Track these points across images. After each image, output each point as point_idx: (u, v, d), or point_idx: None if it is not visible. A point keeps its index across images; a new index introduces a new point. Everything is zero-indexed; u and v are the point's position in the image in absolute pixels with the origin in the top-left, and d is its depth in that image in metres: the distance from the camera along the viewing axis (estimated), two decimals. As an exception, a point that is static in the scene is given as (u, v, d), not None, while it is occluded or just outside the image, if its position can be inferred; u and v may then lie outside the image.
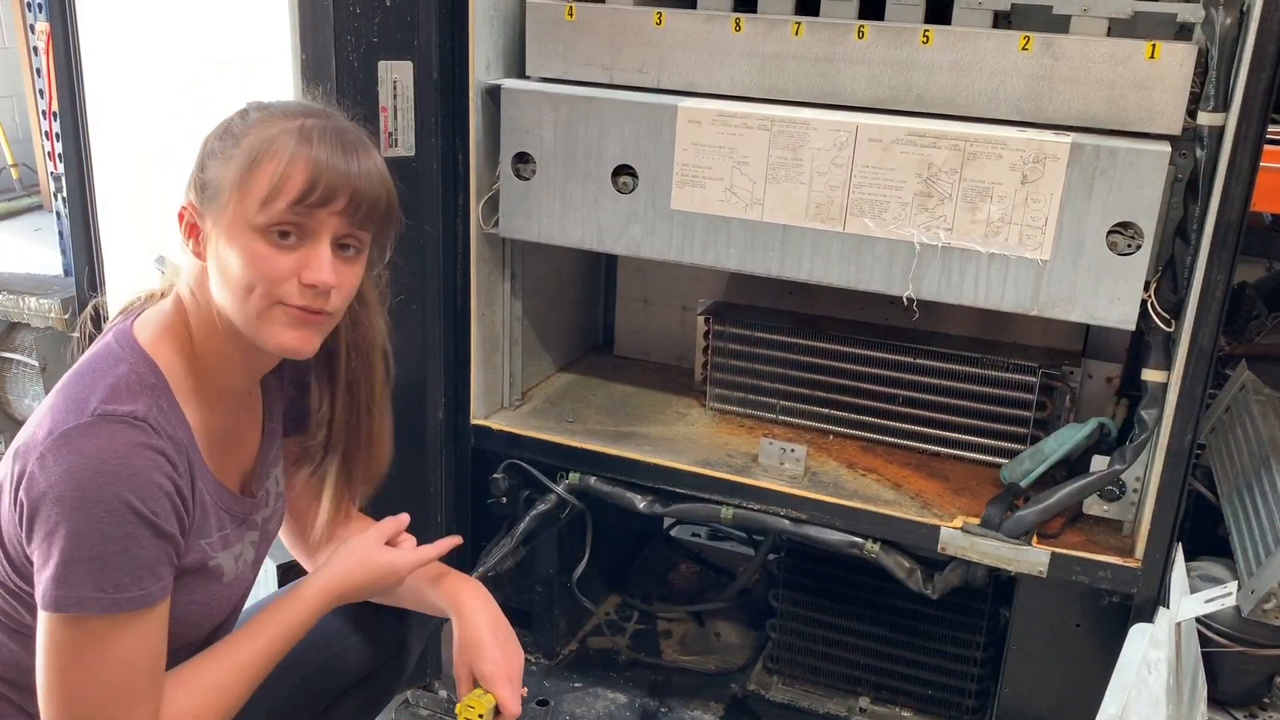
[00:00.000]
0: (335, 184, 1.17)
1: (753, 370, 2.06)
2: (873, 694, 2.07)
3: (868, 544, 1.77)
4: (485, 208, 1.88)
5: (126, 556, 1.09)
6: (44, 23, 3.28)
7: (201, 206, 1.18)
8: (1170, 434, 1.57)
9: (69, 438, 1.09)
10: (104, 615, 1.10)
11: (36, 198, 4.98)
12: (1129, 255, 1.53)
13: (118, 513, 1.08)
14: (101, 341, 1.21)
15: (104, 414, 1.10)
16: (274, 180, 1.14)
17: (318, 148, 1.17)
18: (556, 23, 1.81)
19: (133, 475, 1.09)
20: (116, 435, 1.10)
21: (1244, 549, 1.72)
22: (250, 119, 1.19)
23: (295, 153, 1.16)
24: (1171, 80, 1.50)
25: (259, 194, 1.14)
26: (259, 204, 1.14)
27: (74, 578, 1.08)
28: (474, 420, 2.00)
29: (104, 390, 1.12)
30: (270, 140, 1.16)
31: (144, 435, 1.11)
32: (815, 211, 1.68)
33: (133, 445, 1.10)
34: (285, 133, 1.17)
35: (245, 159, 1.15)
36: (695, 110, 1.71)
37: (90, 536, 1.07)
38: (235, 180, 1.15)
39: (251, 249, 1.15)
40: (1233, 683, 1.80)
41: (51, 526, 1.08)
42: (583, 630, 2.29)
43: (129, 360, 1.17)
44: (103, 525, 1.08)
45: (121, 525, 1.09)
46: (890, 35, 1.63)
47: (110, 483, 1.08)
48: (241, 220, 1.15)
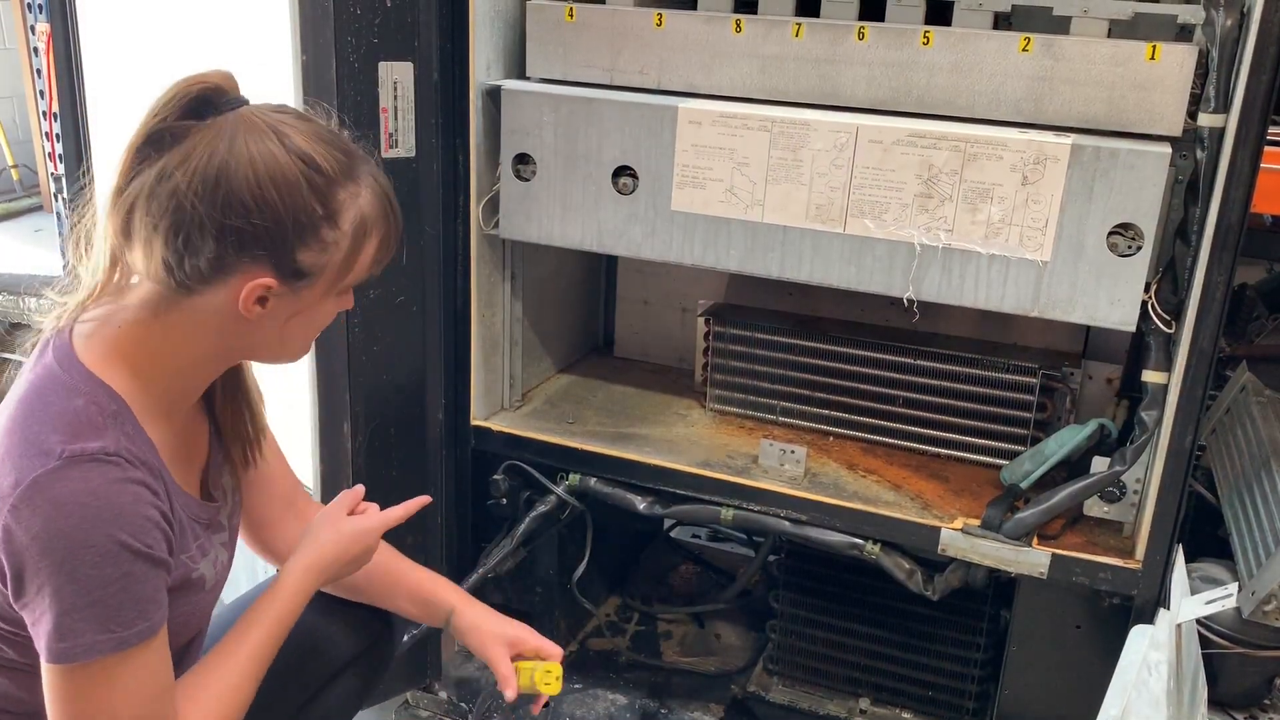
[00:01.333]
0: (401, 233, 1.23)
1: (753, 371, 2.05)
2: (873, 695, 2.07)
3: (868, 545, 1.77)
4: (485, 209, 1.88)
5: (128, 595, 1.07)
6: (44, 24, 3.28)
7: (285, 284, 1.11)
8: (1171, 435, 1.57)
9: (40, 486, 1.03)
10: (111, 654, 1.07)
11: (37, 198, 4.98)
12: (1129, 256, 1.53)
13: (111, 554, 1.05)
14: (41, 363, 1.12)
15: (72, 455, 1.05)
16: (375, 259, 1.18)
17: (394, 211, 1.19)
18: (557, 24, 1.81)
19: (119, 514, 1.06)
20: (92, 476, 1.05)
21: (1244, 550, 1.71)
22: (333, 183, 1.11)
23: (386, 224, 1.18)
24: (1172, 81, 1.50)
25: (361, 271, 1.17)
26: (356, 280, 1.17)
27: (79, 626, 1.05)
28: (474, 421, 2.00)
29: (64, 429, 1.06)
30: (369, 216, 1.15)
31: (119, 470, 1.07)
32: (815, 212, 1.68)
33: (110, 482, 1.06)
34: (373, 198, 1.16)
35: (351, 243, 1.14)
36: (696, 111, 1.71)
37: (87, 583, 1.04)
38: (340, 265, 1.14)
39: (329, 309, 1.19)
40: (1233, 684, 1.79)
41: (43, 581, 1.04)
42: (583, 631, 2.29)
43: (84, 391, 1.09)
44: (97, 570, 1.04)
45: (118, 565, 1.06)
46: (890, 36, 1.63)
47: (97, 525, 1.04)
48: (333, 289, 1.16)
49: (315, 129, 1.13)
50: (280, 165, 1.07)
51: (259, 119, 1.09)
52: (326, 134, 1.14)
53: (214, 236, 1.07)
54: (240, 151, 1.06)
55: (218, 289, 1.10)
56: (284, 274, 1.11)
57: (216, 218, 1.06)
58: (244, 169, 1.06)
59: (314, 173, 1.09)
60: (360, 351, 1.77)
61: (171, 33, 1.87)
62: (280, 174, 1.07)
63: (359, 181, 1.14)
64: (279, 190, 1.07)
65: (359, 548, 1.36)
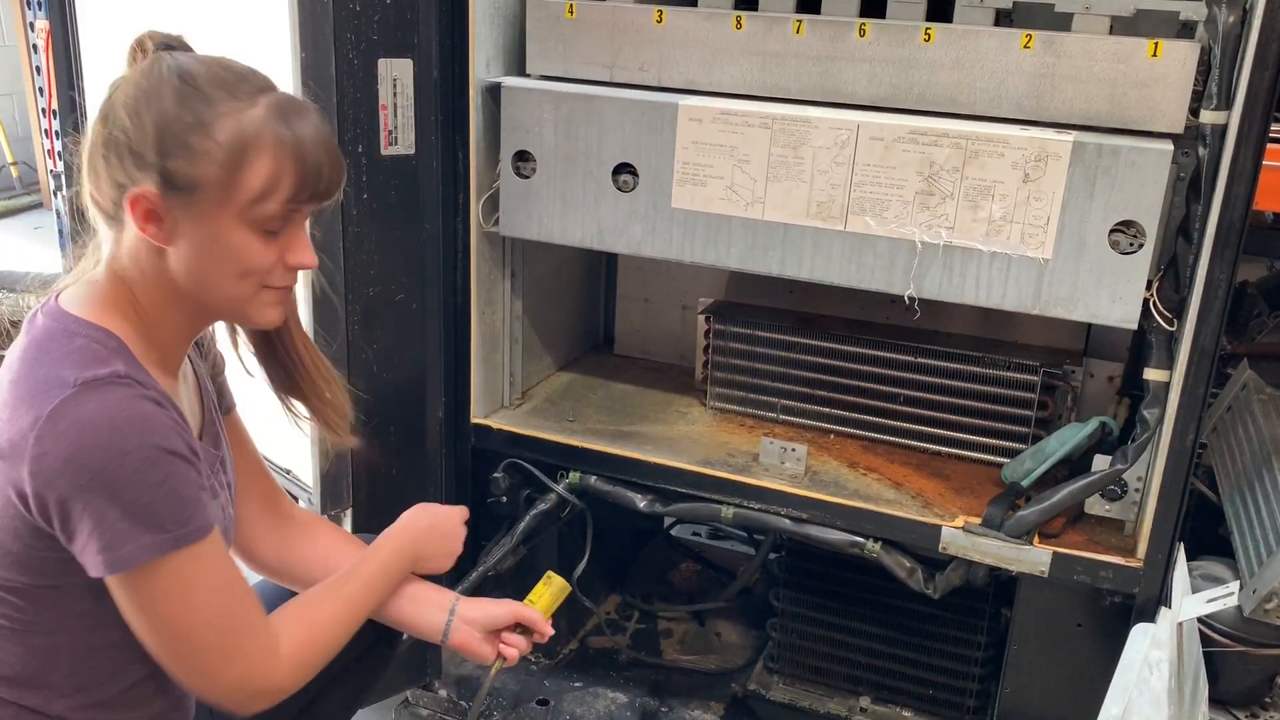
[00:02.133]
0: (327, 177, 1.17)
1: (753, 369, 2.05)
2: (873, 694, 2.07)
3: (869, 543, 1.77)
4: (485, 206, 1.88)
5: (173, 494, 1.10)
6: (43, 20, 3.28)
7: (167, 197, 1.11)
8: (1172, 433, 1.57)
9: (61, 413, 1.06)
10: (174, 553, 1.10)
11: (36, 196, 4.98)
12: (1131, 254, 1.53)
13: (149, 459, 1.07)
14: (33, 326, 1.16)
15: (86, 382, 1.07)
16: (267, 182, 1.12)
17: (303, 138, 1.14)
18: (557, 20, 1.80)
19: (145, 421, 1.08)
20: (109, 395, 1.08)
21: (1245, 548, 1.71)
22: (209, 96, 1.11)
23: (283, 148, 1.13)
24: (1174, 78, 1.49)
25: (249, 195, 1.12)
26: (249, 203, 1.12)
27: (132, 532, 1.08)
28: (474, 419, 1.99)
29: (72, 363, 1.09)
30: (254, 132, 1.11)
31: (135, 389, 1.10)
32: (816, 210, 1.67)
33: (129, 398, 1.09)
34: (264, 122, 1.12)
35: (227, 156, 1.10)
36: (696, 108, 1.70)
37: (131, 490, 1.07)
38: (218, 178, 1.11)
39: (240, 242, 1.14)
40: (1234, 682, 1.79)
41: (86, 500, 1.06)
42: (583, 630, 2.29)
43: (82, 334, 1.13)
44: (139, 475, 1.07)
45: (157, 468, 1.08)
46: (892, 33, 1.62)
47: (129, 434, 1.07)
48: (227, 215, 1.13)
49: (225, 64, 1.15)
50: (155, 81, 1.11)
51: (167, 56, 1.15)
52: (236, 65, 1.15)
53: (103, 156, 1.12)
54: (130, 79, 1.13)
55: (126, 214, 1.13)
56: (160, 184, 1.10)
57: (104, 135, 1.12)
58: (127, 88, 1.12)
59: (186, 85, 1.11)
60: (359, 349, 1.77)
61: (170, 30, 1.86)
62: (153, 88, 1.11)
63: (250, 101, 1.12)
64: (148, 101, 1.11)
65: (450, 524, 1.53)
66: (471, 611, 1.50)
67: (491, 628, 1.51)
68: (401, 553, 1.45)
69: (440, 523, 1.53)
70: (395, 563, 1.44)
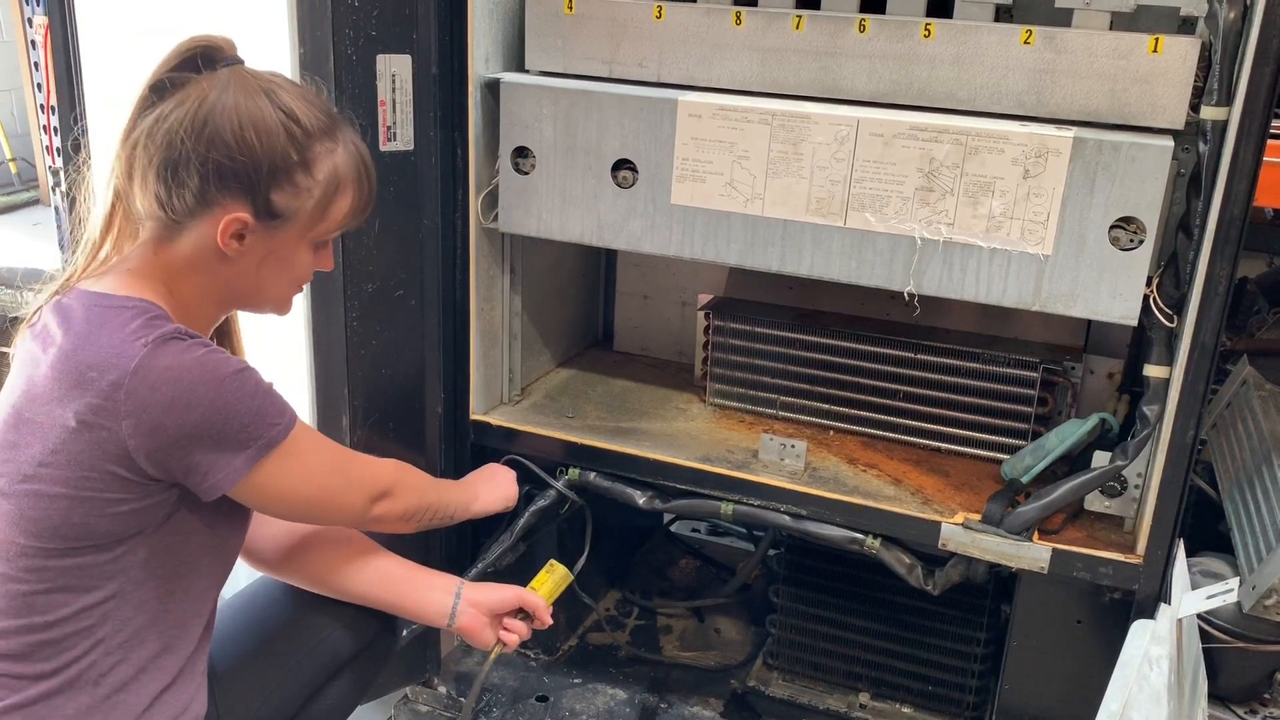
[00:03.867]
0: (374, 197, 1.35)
1: (753, 365, 2.05)
2: (873, 690, 2.07)
3: (868, 540, 1.77)
4: (484, 202, 1.88)
5: (269, 394, 1.25)
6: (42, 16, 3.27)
7: (260, 223, 1.23)
8: (1172, 430, 1.56)
9: (145, 369, 1.15)
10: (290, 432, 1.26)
11: (35, 192, 4.98)
12: (1131, 250, 1.53)
13: (239, 378, 1.21)
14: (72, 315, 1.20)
15: (157, 338, 1.17)
16: (349, 214, 1.30)
17: (369, 175, 1.32)
18: (556, 16, 1.80)
19: (221, 358, 1.21)
20: (182, 345, 1.18)
21: (1245, 545, 1.71)
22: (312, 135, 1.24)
23: (360, 184, 1.30)
24: (1174, 74, 1.49)
25: (333, 226, 1.30)
26: (327, 231, 1.30)
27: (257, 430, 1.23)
28: (473, 416, 1.99)
29: (135, 327, 1.17)
30: (345, 170, 1.27)
31: (199, 341, 1.21)
32: (816, 206, 1.67)
33: (198, 345, 1.20)
34: (349, 157, 1.28)
35: (323, 192, 1.26)
36: (696, 104, 1.70)
37: (241, 404, 1.21)
38: (311, 212, 1.26)
39: (303, 258, 1.30)
40: (1234, 678, 1.79)
41: (204, 431, 1.18)
42: (583, 626, 2.29)
43: (130, 305, 1.20)
44: (241, 391, 1.21)
45: (248, 382, 1.23)
46: (891, 29, 1.62)
47: (215, 368, 1.19)
48: (305, 239, 1.28)
49: (302, 92, 1.27)
50: (263, 113, 1.21)
51: (251, 75, 1.24)
52: (313, 98, 1.28)
53: (198, 171, 1.19)
54: (228, 99, 1.20)
55: (201, 222, 1.22)
56: (259, 211, 1.22)
57: (201, 153, 1.19)
58: (230, 112, 1.19)
59: (293, 124, 1.22)
60: (359, 346, 1.77)
61: (169, 26, 1.86)
62: (261, 120, 1.21)
63: (337, 140, 1.27)
64: (258, 134, 1.20)
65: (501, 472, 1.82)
66: (477, 595, 1.55)
67: (497, 611, 1.56)
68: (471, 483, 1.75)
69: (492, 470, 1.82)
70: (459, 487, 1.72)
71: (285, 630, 1.51)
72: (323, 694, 1.51)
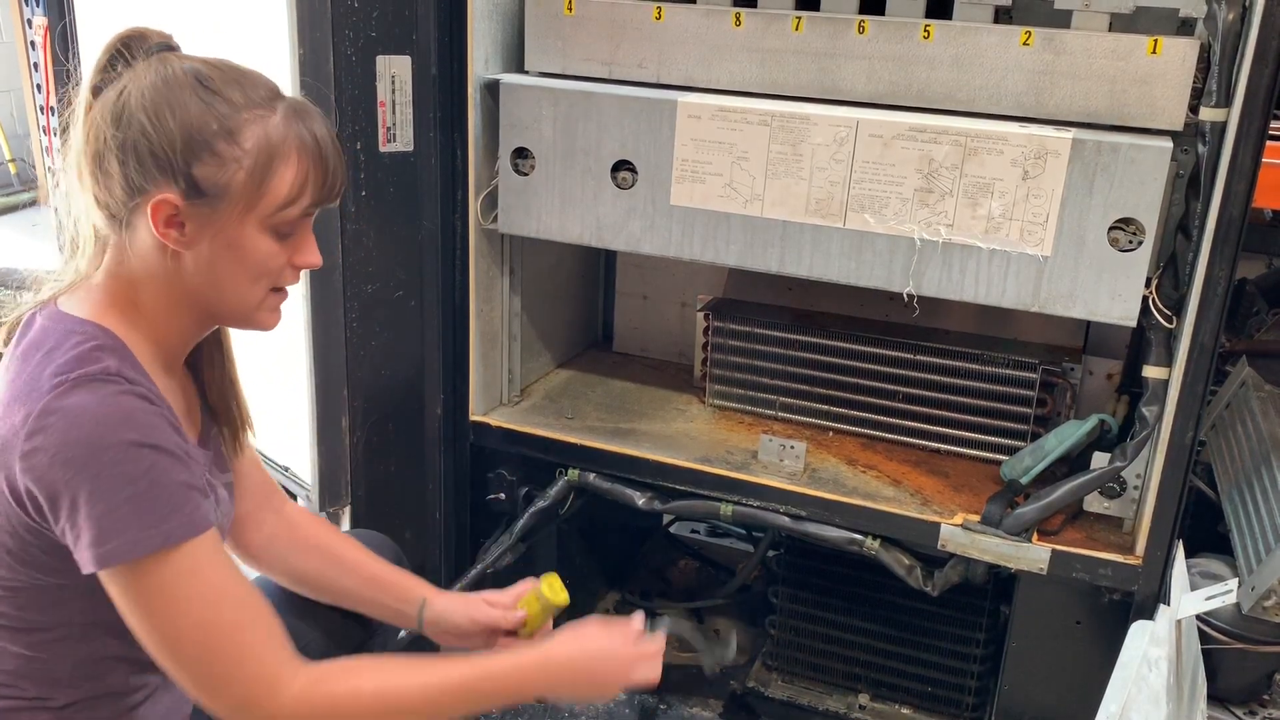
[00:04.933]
0: (341, 179, 1.20)
1: (752, 366, 2.05)
2: (872, 691, 2.07)
3: (868, 541, 1.77)
4: (484, 203, 1.88)
5: (157, 487, 1.09)
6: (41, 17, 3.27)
7: (191, 204, 1.12)
8: (1171, 431, 1.56)
9: (50, 408, 1.07)
10: (162, 550, 1.09)
11: (34, 193, 4.98)
12: (1130, 251, 1.53)
13: (130, 453, 1.07)
14: (31, 329, 1.16)
15: (76, 378, 1.08)
16: (293, 188, 1.15)
17: (322, 142, 1.17)
18: (555, 17, 1.80)
19: (128, 416, 1.09)
20: (98, 390, 1.08)
21: (1244, 546, 1.71)
22: (234, 104, 1.13)
23: (305, 155, 1.16)
24: (1173, 75, 1.49)
25: (275, 201, 1.15)
26: (273, 209, 1.15)
27: (117, 526, 1.07)
28: (473, 417, 1.99)
29: (66, 361, 1.10)
30: (279, 137, 1.14)
31: (124, 385, 1.10)
32: (815, 207, 1.67)
33: (116, 394, 1.09)
34: (286, 125, 1.15)
35: (255, 163, 1.13)
36: (695, 105, 1.70)
37: (114, 483, 1.06)
38: (244, 185, 1.13)
39: (259, 246, 1.16)
40: (1233, 679, 1.79)
41: (73, 492, 1.07)
42: (582, 627, 2.29)
43: (78, 331, 1.13)
44: (120, 468, 1.07)
45: (139, 462, 1.08)
46: (891, 30, 1.62)
47: (111, 429, 1.07)
48: (250, 221, 1.15)
49: (233, 67, 1.16)
50: (176, 86, 1.11)
51: (174, 58, 1.15)
52: (254, 79, 1.17)
53: (117, 158, 1.11)
54: (143, 80, 1.12)
55: (138, 216, 1.13)
56: (186, 190, 1.11)
57: (119, 138, 1.11)
58: (145, 92, 1.11)
59: (210, 93, 1.12)
60: (358, 347, 1.77)
61: (168, 27, 1.86)
62: (175, 94, 1.11)
63: (270, 108, 1.15)
64: (171, 107, 1.11)
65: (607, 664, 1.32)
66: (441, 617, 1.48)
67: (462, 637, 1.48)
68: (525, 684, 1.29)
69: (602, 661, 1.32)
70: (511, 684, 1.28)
71: None
72: None
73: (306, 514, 1.55)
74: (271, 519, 1.49)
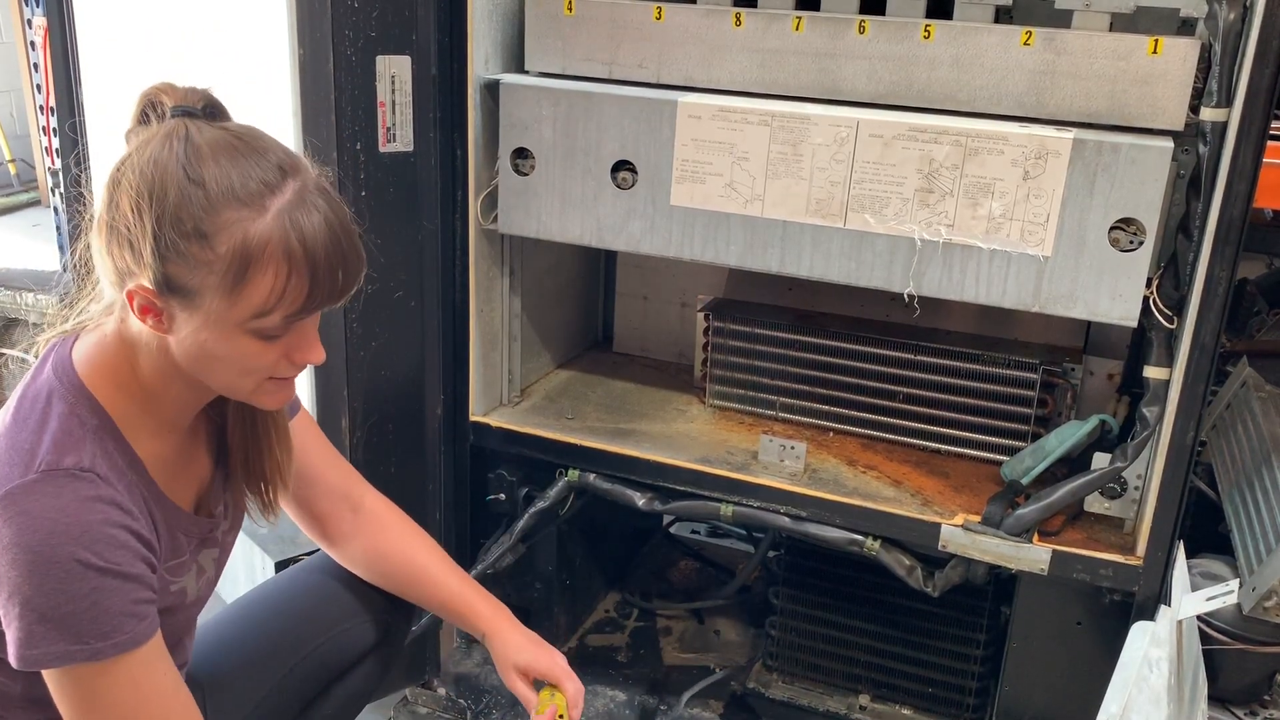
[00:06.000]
0: (341, 284, 1.11)
1: (752, 367, 2.05)
2: (873, 692, 2.06)
3: (868, 541, 1.77)
4: (484, 204, 1.88)
5: (98, 609, 1.07)
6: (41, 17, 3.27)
7: (164, 296, 1.07)
8: (1172, 431, 1.56)
9: (14, 498, 1.06)
10: (93, 663, 1.08)
11: (34, 193, 4.97)
12: (1131, 252, 1.53)
13: (76, 572, 1.05)
14: (43, 369, 1.15)
15: (48, 469, 1.07)
16: (267, 298, 1.07)
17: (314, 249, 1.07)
18: (555, 17, 1.80)
19: (85, 532, 1.06)
20: (63, 491, 1.06)
21: (1245, 546, 1.71)
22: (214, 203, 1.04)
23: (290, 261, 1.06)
24: (1174, 75, 1.49)
25: (249, 310, 1.07)
26: (249, 317, 1.07)
27: (49, 635, 1.06)
28: (473, 417, 1.99)
29: (48, 440, 1.08)
30: (260, 244, 1.05)
31: (91, 487, 1.08)
32: (816, 207, 1.67)
33: (81, 500, 1.07)
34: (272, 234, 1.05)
35: (228, 269, 1.05)
36: (695, 105, 1.70)
37: (53, 598, 1.05)
38: (218, 290, 1.06)
39: (241, 347, 1.10)
40: (1233, 680, 1.79)
41: (11, 589, 1.05)
42: (582, 628, 2.29)
43: (68, 400, 1.11)
44: (64, 585, 1.05)
45: (84, 582, 1.06)
46: (891, 30, 1.62)
47: (62, 543, 1.05)
48: (228, 323, 1.08)
49: (244, 153, 1.07)
50: (162, 174, 1.04)
51: (184, 129, 1.07)
52: (255, 161, 1.07)
53: (105, 238, 1.08)
54: (140, 156, 1.06)
55: None
56: (159, 285, 1.06)
57: (108, 220, 1.07)
58: (135, 172, 1.05)
59: (194, 186, 1.04)
60: (358, 347, 1.77)
61: (168, 27, 1.86)
62: (159, 182, 1.04)
63: (258, 209, 1.05)
64: (152, 197, 1.04)
65: None
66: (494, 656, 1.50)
67: None
68: None
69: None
70: None
71: (305, 620, 1.50)
72: (336, 687, 1.52)
73: (385, 509, 1.53)
74: (350, 518, 1.50)
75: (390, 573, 1.51)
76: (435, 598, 1.52)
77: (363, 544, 1.50)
